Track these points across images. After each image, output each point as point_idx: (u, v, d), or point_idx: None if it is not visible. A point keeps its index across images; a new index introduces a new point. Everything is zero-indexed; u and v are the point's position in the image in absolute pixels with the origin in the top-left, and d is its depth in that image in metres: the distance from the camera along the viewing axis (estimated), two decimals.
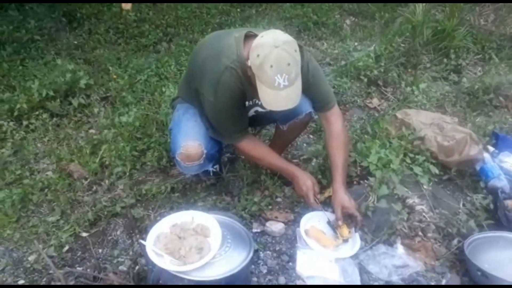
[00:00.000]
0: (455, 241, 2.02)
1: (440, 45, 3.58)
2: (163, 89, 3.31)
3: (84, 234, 2.13)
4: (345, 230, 1.97)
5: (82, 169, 2.50)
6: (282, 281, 1.86)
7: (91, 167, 2.49)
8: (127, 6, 4.53)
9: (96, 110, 3.14)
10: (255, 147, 2.10)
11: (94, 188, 2.42)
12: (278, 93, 1.66)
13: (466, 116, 3.01)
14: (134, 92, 3.35)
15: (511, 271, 1.82)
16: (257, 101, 2.03)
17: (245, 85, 1.86)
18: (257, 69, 1.66)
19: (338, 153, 2.05)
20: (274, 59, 1.61)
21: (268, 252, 2.02)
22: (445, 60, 3.61)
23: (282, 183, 2.34)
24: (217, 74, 1.82)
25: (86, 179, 2.45)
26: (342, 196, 1.99)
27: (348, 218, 2.00)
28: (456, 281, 1.88)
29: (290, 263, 1.95)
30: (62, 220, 2.19)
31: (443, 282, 1.87)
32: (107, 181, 2.44)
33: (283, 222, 2.13)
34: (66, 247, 2.05)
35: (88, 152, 2.62)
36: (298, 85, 1.70)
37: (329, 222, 2.06)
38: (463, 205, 2.21)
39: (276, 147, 2.46)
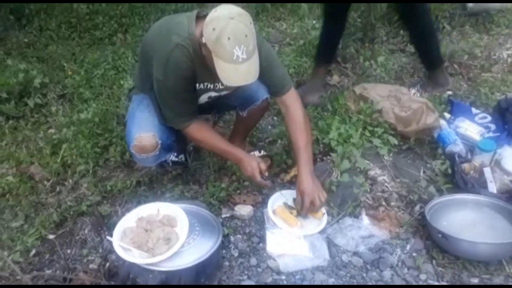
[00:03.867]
0: (417, 207, 2.09)
1: (395, 18, 3.62)
2: (122, 82, 3.26)
3: (51, 236, 2.09)
4: (318, 211, 2.01)
5: (44, 171, 2.44)
6: (253, 262, 1.89)
7: (53, 167, 2.44)
8: None
9: (54, 109, 3.05)
10: (200, 130, 2.03)
11: (58, 188, 2.37)
12: (238, 67, 1.64)
13: None
14: (92, 87, 3.27)
15: (469, 230, 1.92)
16: (209, 86, 1.99)
17: (196, 65, 1.83)
18: (213, 44, 1.63)
19: (300, 137, 2.01)
20: (231, 31, 1.59)
21: (238, 235, 2.04)
22: (401, 32, 3.67)
23: None
24: (167, 51, 1.78)
25: (48, 180, 2.40)
26: (304, 182, 1.95)
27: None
28: (420, 245, 1.95)
29: (261, 244, 1.98)
30: (27, 224, 2.14)
31: (408, 248, 1.94)
32: (70, 181, 2.40)
33: (251, 205, 2.15)
34: (33, 251, 2.01)
35: (48, 152, 2.56)
36: (256, 58, 1.70)
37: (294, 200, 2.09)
38: (424, 172, 2.29)
39: (239, 133, 2.47)
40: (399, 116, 2.36)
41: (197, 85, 1.97)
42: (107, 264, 1.91)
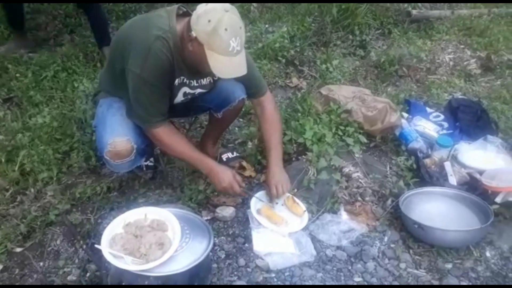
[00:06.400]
0: (389, 201, 2.22)
1: (345, 23, 3.80)
2: (75, 84, 3.08)
3: (19, 250, 1.93)
4: (299, 209, 2.06)
5: (0, 180, 2.24)
6: (242, 262, 1.89)
7: (11, 176, 2.25)
8: None
9: (1, 114, 2.81)
10: (170, 134, 1.94)
11: (19, 198, 2.18)
12: (232, 59, 1.65)
13: (377, 87, 3.27)
14: (42, 90, 3.06)
15: (439, 220, 2.07)
16: (185, 80, 1.94)
17: (175, 59, 1.78)
18: (208, 36, 1.61)
19: (273, 134, 2.10)
20: (228, 22, 1.60)
21: (222, 237, 2.02)
22: (350, 36, 3.85)
23: None
24: (147, 43, 1.72)
25: (7, 190, 2.21)
26: (276, 175, 2.05)
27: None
28: (396, 236, 2.07)
29: (246, 244, 1.98)
30: None
31: (386, 239, 2.05)
32: (32, 190, 2.22)
33: (233, 206, 2.14)
34: (0, 267, 1.85)
35: (3, 160, 2.35)
36: (244, 52, 1.73)
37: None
38: (390, 168, 2.43)
39: (211, 135, 2.45)
40: (366, 116, 2.48)
41: (176, 80, 1.91)
42: (88, 275, 1.81)
